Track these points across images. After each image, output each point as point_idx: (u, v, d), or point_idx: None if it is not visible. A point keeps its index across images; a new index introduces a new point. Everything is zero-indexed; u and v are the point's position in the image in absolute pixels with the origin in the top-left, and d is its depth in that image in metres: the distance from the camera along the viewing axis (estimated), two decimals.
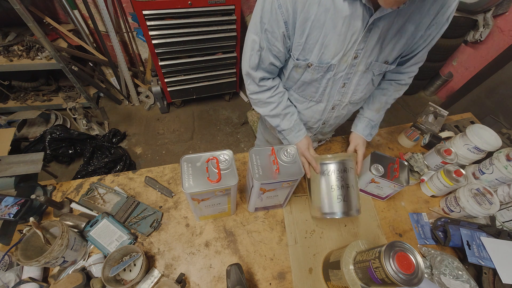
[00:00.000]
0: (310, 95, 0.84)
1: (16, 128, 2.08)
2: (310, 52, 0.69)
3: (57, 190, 0.92)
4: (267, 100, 0.84)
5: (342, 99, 0.83)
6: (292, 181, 0.71)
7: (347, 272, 0.64)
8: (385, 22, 0.62)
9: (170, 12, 1.80)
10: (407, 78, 0.86)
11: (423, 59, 0.81)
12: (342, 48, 0.67)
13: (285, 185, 0.72)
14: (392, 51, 0.70)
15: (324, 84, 0.78)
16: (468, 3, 2.11)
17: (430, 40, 0.72)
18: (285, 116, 0.87)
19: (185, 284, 0.74)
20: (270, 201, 0.83)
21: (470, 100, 2.39)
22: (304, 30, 0.65)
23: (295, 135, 0.89)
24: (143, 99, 2.61)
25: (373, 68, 0.74)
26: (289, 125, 0.88)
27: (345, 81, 0.77)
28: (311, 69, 0.73)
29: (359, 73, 0.75)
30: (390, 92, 0.90)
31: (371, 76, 0.78)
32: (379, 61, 0.72)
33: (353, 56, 0.69)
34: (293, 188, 0.78)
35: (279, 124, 0.89)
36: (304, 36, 0.66)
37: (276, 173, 0.69)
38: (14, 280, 0.70)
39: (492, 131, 1.02)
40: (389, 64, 0.75)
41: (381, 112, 0.95)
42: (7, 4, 1.50)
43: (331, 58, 0.69)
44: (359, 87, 0.80)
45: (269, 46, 0.70)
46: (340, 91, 0.80)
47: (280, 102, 0.85)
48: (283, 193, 0.79)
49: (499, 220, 0.93)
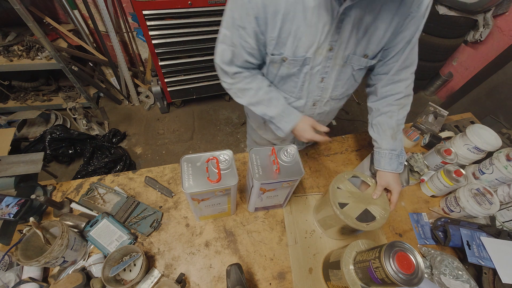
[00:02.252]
0: (289, 91, 0.82)
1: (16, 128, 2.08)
2: (284, 45, 0.68)
3: (57, 190, 0.92)
4: (245, 87, 0.79)
5: (323, 95, 0.81)
6: (292, 181, 0.71)
7: (347, 272, 0.64)
8: (356, 12, 0.61)
9: (170, 12, 1.80)
10: (403, 88, 0.79)
11: (413, 61, 0.75)
12: (315, 40, 0.65)
13: (285, 185, 0.72)
14: (369, 43, 0.68)
15: (302, 78, 0.76)
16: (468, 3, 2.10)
17: (410, 36, 0.68)
18: (269, 101, 0.80)
19: (185, 284, 0.74)
20: (270, 201, 0.83)
21: (470, 100, 2.39)
22: (275, 23, 0.63)
23: (287, 120, 0.80)
24: (143, 99, 2.61)
25: (352, 62, 0.72)
26: (277, 111, 0.80)
27: (323, 75, 0.75)
28: (287, 63, 0.72)
29: (338, 67, 0.73)
30: (395, 113, 0.81)
31: (351, 70, 0.75)
32: (357, 54, 0.70)
33: (327, 48, 0.67)
34: (293, 188, 0.78)
35: (265, 112, 0.81)
36: (276, 30, 0.65)
37: (276, 173, 0.69)
38: (14, 280, 0.70)
39: (492, 131, 1.02)
40: (369, 59, 0.72)
41: (398, 137, 0.82)
42: (7, 4, 1.50)
43: (305, 51, 0.68)
44: (339, 82, 0.78)
45: (242, 42, 0.69)
46: (319, 86, 0.78)
47: (259, 88, 0.79)
48: (283, 193, 0.79)
49: (499, 220, 0.93)
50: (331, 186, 0.75)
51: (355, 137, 1.20)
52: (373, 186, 0.78)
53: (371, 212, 0.72)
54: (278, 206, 0.90)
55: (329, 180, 1.03)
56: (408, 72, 0.77)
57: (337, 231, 0.81)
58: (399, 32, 0.68)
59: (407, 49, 0.71)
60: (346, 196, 0.74)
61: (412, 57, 0.74)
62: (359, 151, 1.15)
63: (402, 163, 0.81)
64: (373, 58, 0.73)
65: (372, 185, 0.78)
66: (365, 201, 0.74)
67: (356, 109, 2.83)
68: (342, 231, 0.80)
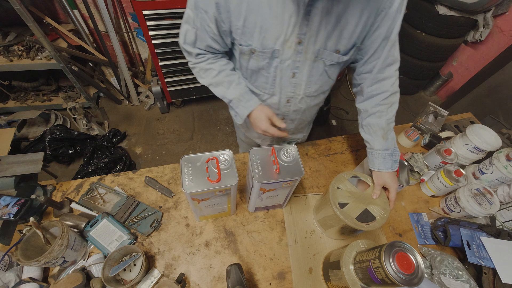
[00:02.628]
0: (262, 86, 0.81)
1: (16, 128, 2.08)
2: (251, 36, 0.67)
3: (57, 190, 0.92)
4: (207, 67, 0.77)
5: (296, 91, 0.80)
6: (292, 181, 0.71)
7: (347, 272, 0.64)
8: (323, 3, 0.59)
9: (170, 12, 1.80)
10: (389, 86, 0.77)
11: (395, 58, 0.74)
12: (282, 32, 0.64)
13: (285, 185, 0.72)
14: (340, 38, 0.67)
15: (272, 73, 0.75)
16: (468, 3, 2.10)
17: (386, 34, 0.67)
18: (229, 84, 0.78)
19: (185, 284, 0.74)
20: (270, 201, 0.83)
21: (470, 100, 2.39)
22: (240, 12, 0.62)
23: (244, 105, 0.79)
24: (143, 99, 2.61)
25: (323, 57, 0.71)
26: (235, 93, 0.78)
27: (294, 70, 0.74)
28: (255, 55, 0.71)
29: (309, 62, 0.72)
30: (384, 112, 0.80)
31: (323, 66, 0.74)
32: (328, 49, 0.69)
33: (296, 41, 0.66)
34: (293, 188, 0.78)
35: (224, 95, 0.80)
36: (242, 19, 0.64)
37: (276, 173, 0.69)
38: (14, 280, 0.70)
39: (492, 131, 1.02)
40: (341, 55, 0.71)
41: (389, 136, 0.81)
42: (7, 4, 1.50)
43: (273, 42, 0.67)
44: (312, 78, 0.77)
45: (204, 26, 0.68)
46: (292, 81, 0.77)
47: (222, 69, 0.78)
48: (283, 193, 0.80)
49: (499, 220, 0.93)
50: (331, 186, 0.75)
51: (355, 137, 1.20)
52: (373, 186, 0.78)
53: (371, 212, 0.72)
54: (278, 206, 0.90)
55: (329, 180, 1.03)
56: (391, 70, 0.76)
57: (337, 231, 0.81)
58: (373, 29, 0.67)
59: (387, 47, 0.70)
60: (346, 196, 0.74)
61: (393, 54, 0.73)
62: (359, 151, 1.15)
63: (397, 161, 0.81)
64: (346, 54, 0.72)
65: (372, 185, 0.78)
66: (365, 201, 0.74)
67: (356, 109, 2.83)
68: (342, 231, 0.80)
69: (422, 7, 2.38)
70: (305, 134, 1.17)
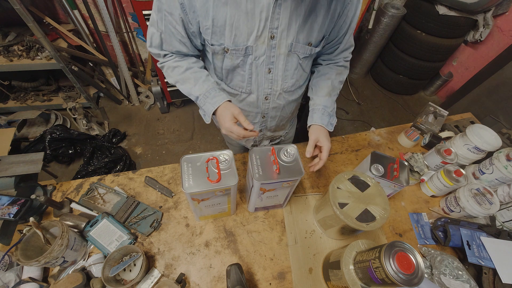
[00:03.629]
0: (238, 85, 0.81)
1: (16, 128, 2.08)
2: (222, 35, 0.66)
3: (57, 190, 0.92)
4: (175, 64, 0.76)
5: (273, 87, 0.81)
6: (292, 181, 0.71)
7: (347, 272, 0.64)
8: None
9: None
10: (343, 61, 0.87)
11: (351, 44, 0.83)
12: (254, 28, 0.64)
13: (285, 185, 0.72)
14: (311, 31, 0.68)
15: (248, 70, 0.75)
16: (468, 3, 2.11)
17: (349, 23, 0.72)
18: (196, 81, 0.75)
19: (185, 284, 0.74)
20: (270, 201, 0.83)
21: (470, 100, 2.39)
22: (207, 11, 0.61)
23: (211, 101, 0.73)
24: (143, 99, 2.61)
25: (296, 50, 0.72)
26: (202, 90, 0.74)
27: (269, 66, 0.74)
28: (229, 54, 0.70)
29: (283, 56, 0.72)
30: (333, 76, 0.86)
31: (297, 59, 0.75)
32: (300, 42, 0.70)
33: (269, 36, 0.66)
34: (293, 188, 0.78)
35: (190, 92, 0.76)
36: (210, 19, 0.63)
37: (276, 173, 0.69)
38: (14, 280, 0.70)
39: (492, 131, 1.02)
40: (313, 47, 0.73)
41: (332, 97, 0.87)
42: (7, 4, 1.50)
43: (246, 39, 0.66)
44: (288, 73, 0.78)
45: (171, 29, 0.67)
46: (268, 78, 0.77)
47: (190, 67, 0.76)
48: (283, 193, 0.80)
49: (499, 220, 0.93)
50: (331, 186, 0.75)
51: (355, 137, 1.20)
52: (373, 186, 0.78)
53: (371, 212, 0.72)
54: (278, 206, 0.90)
55: (329, 180, 1.03)
56: (347, 52, 0.86)
57: (337, 231, 0.81)
58: (339, 20, 0.70)
59: (347, 35, 0.76)
60: (346, 196, 0.74)
61: (351, 41, 0.82)
62: (359, 151, 1.15)
63: (333, 124, 0.86)
64: (317, 46, 0.74)
65: (372, 185, 0.78)
66: (365, 201, 0.74)
67: (356, 109, 2.83)
68: (342, 231, 0.80)
69: (422, 7, 2.39)
70: (287, 131, 1.16)
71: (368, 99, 2.95)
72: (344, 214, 0.70)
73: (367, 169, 0.87)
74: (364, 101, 2.92)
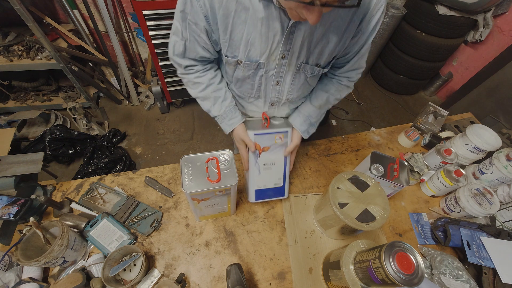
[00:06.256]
0: (247, 92, 0.84)
1: (16, 128, 2.08)
2: (237, 49, 0.68)
3: (57, 190, 0.92)
4: (196, 80, 0.81)
5: (279, 97, 0.83)
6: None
7: (347, 272, 0.64)
8: (306, 27, 0.62)
9: (170, 12, 1.80)
10: (346, 81, 0.85)
11: (360, 66, 0.80)
12: (267, 48, 0.66)
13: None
14: (321, 55, 0.70)
15: (257, 81, 0.77)
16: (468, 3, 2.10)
17: (359, 48, 0.73)
18: (215, 100, 0.83)
19: (185, 284, 0.74)
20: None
21: (470, 100, 2.39)
22: (226, 26, 0.64)
23: (227, 123, 0.84)
24: (143, 99, 2.61)
25: (305, 70, 0.74)
26: (220, 111, 0.83)
27: (277, 79, 0.77)
28: (242, 66, 0.72)
29: (291, 73, 0.75)
30: (331, 90, 0.86)
31: (305, 77, 0.78)
32: (309, 63, 0.72)
33: (280, 56, 0.69)
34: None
35: (209, 109, 0.85)
36: (228, 33, 0.65)
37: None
38: (14, 280, 0.70)
39: (492, 131, 1.02)
40: (321, 68, 0.75)
41: (322, 110, 0.90)
42: (7, 4, 1.50)
43: (259, 56, 0.69)
44: (294, 87, 0.81)
45: (195, 37, 0.69)
46: (275, 88, 0.80)
47: (210, 84, 0.81)
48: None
49: (499, 220, 0.93)
50: (331, 186, 0.75)
51: (355, 137, 1.20)
52: (373, 186, 0.78)
53: (371, 212, 0.72)
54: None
55: (329, 180, 1.03)
56: (354, 73, 0.83)
57: (337, 231, 0.81)
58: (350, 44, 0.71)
59: (355, 58, 0.77)
60: (346, 196, 0.74)
61: (360, 63, 0.80)
62: (359, 151, 1.15)
63: (310, 133, 0.90)
64: (325, 67, 0.76)
65: (372, 185, 0.78)
66: (365, 201, 0.74)
67: (356, 109, 2.83)
68: (342, 231, 0.80)
69: (422, 7, 2.38)
70: None
71: (368, 99, 2.95)
72: (344, 214, 0.70)
73: (367, 169, 0.87)
74: (364, 101, 2.92)
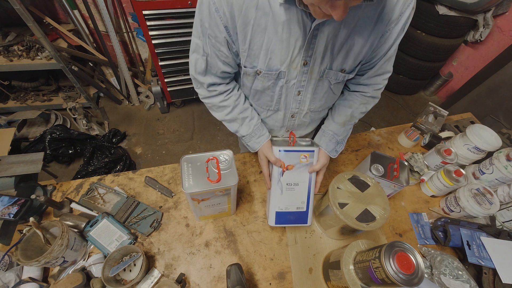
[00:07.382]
0: (266, 104, 0.81)
1: (16, 128, 2.08)
2: (257, 58, 0.66)
3: (57, 190, 0.92)
4: (221, 104, 0.79)
5: (301, 107, 0.81)
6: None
7: (347, 272, 0.64)
8: (330, 28, 0.59)
9: (170, 12, 1.80)
10: (372, 90, 0.80)
11: (386, 70, 0.75)
12: (288, 54, 0.64)
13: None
14: (346, 59, 0.67)
15: (278, 92, 0.75)
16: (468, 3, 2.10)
17: (387, 49, 0.67)
18: (243, 120, 0.81)
19: (185, 284, 0.74)
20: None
21: (470, 100, 2.39)
22: (246, 35, 0.62)
23: (256, 140, 0.82)
24: (143, 99, 2.61)
25: (329, 76, 0.71)
26: (248, 131, 0.82)
27: (299, 88, 0.73)
28: (261, 76, 0.70)
29: (314, 81, 0.72)
30: (356, 105, 0.82)
31: (328, 84, 0.74)
32: (333, 69, 0.69)
33: (302, 63, 0.66)
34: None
35: (237, 130, 0.84)
36: (247, 42, 0.63)
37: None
38: (14, 280, 0.70)
39: (492, 131, 1.02)
40: (346, 73, 0.71)
41: (346, 127, 0.86)
42: (7, 4, 1.50)
43: (279, 64, 0.66)
44: (317, 95, 0.77)
45: (215, 51, 0.67)
46: (296, 99, 0.77)
47: (235, 105, 0.79)
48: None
49: (499, 220, 0.93)
50: (331, 186, 0.75)
51: (355, 137, 1.20)
52: (373, 186, 0.78)
53: (371, 212, 0.72)
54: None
55: (329, 180, 1.03)
56: (380, 79, 0.77)
57: (337, 231, 0.81)
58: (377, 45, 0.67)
59: (381, 61, 0.71)
60: (346, 196, 0.74)
61: (386, 67, 0.74)
62: (359, 151, 1.15)
63: (338, 152, 0.86)
64: (351, 72, 0.72)
65: (372, 185, 0.78)
66: (365, 201, 0.74)
67: None
68: (342, 231, 0.80)
69: (422, 7, 2.38)
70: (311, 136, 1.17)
71: None
72: (344, 214, 0.70)
73: (367, 169, 0.87)
74: None
